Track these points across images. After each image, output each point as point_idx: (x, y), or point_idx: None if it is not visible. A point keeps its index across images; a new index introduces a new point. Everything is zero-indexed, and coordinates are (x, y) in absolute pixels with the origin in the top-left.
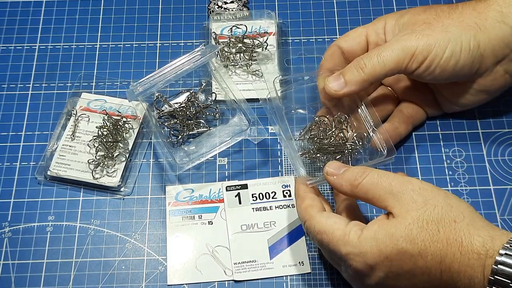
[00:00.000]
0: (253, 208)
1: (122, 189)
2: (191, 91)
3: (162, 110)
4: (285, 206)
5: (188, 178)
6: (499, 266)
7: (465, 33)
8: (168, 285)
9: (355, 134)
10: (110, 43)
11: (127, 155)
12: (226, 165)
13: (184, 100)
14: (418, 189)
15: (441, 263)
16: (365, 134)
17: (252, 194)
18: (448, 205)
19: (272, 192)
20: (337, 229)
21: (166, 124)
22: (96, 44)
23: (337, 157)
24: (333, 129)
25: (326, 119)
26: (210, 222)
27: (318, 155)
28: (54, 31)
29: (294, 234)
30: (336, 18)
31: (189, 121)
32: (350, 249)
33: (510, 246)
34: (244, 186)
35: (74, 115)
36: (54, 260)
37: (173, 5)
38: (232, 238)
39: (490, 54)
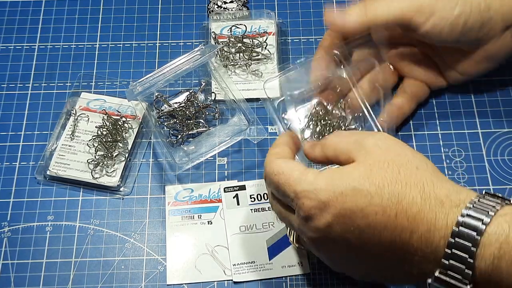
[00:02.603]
0: (251, 209)
1: (121, 189)
2: (190, 91)
3: (162, 110)
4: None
5: (188, 178)
6: (465, 218)
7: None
8: (168, 284)
9: (351, 117)
10: (110, 42)
11: (127, 155)
12: (226, 165)
13: (184, 100)
14: (383, 138)
15: (398, 204)
16: (362, 115)
17: (251, 195)
18: (412, 154)
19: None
20: (296, 170)
21: (165, 124)
22: (96, 44)
23: None
24: (331, 115)
25: (323, 105)
26: (210, 222)
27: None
28: (53, 31)
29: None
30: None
31: (189, 121)
32: (304, 186)
33: (479, 201)
34: (242, 187)
35: (73, 115)
36: (54, 260)
37: (172, 5)
38: (230, 240)
39: (499, 18)
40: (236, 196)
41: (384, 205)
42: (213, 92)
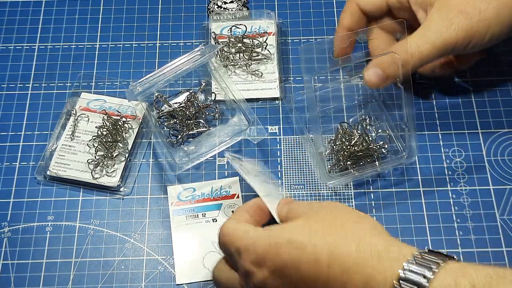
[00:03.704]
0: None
1: (121, 189)
2: (190, 91)
3: (162, 110)
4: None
5: (188, 178)
6: (407, 273)
7: (504, 10)
8: (177, 284)
9: (377, 135)
10: (110, 43)
11: (127, 155)
12: (226, 165)
13: (184, 100)
14: (334, 204)
15: (331, 254)
16: (388, 134)
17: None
18: (357, 214)
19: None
20: (241, 229)
21: (165, 124)
22: (96, 44)
23: (367, 160)
24: (357, 135)
25: (346, 125)
26: (214, 220)
27: (349, 163)
28: (53, 31)
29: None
30: (336, 18)
31: (189, 121)
32: (245, 241)
33: (421, 256)
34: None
35: (73, 115)
36: (54, 260)
37: (172, 5)
38: (266, 200)
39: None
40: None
41: (316, 254)
42: (213, 92)
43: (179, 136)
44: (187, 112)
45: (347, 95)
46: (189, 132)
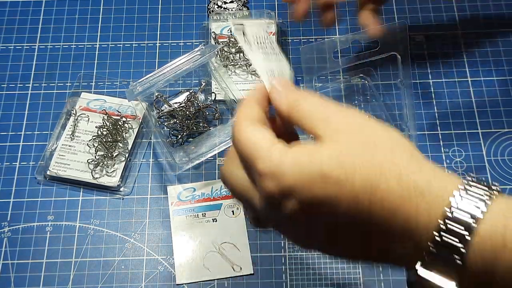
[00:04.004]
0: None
1: (121, 189)
2: (190, 91)
3: (162, 110)
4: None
5: (188, 178)
6: (454, 211)
7: None
8: (177, 284)
9: None
10: (110, 43)
11: (127, 155)
12: None
13: (184, 100)
14: (354, 115)
15: (372, 192)
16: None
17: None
18: (388, 134)
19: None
20: (263, 144)
21: (165, 124)
22: (96, 44)
23: None
24: None
25: None
26: (214, 220)
27: None
28: (53, 31)
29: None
30: (335, 18)
31: (189, 121)
32: (267, 166)
33: (466, 190)
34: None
35: (73, 115)
36: (54, 260)
37: (172, 5)
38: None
39: None
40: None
41: (355, 194)
42: (213, 92)
43: (179, 136)
44: (187, 112)
45: (347, 95)
46: (189, 132)
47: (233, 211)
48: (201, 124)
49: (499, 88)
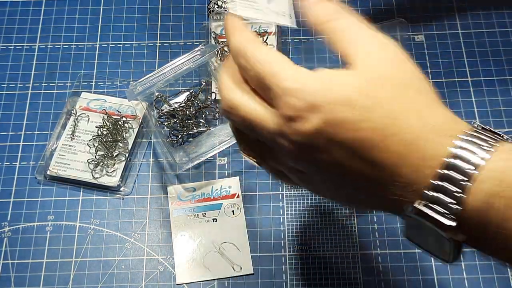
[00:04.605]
0: None
1: (121, 189)
2: (190, 91)
3: (162, 110)
4: None
5: (188, 178)
6: (460, 150)
7: None
8: (177, 284)
9: None
10: (110, 42)
11: (127, 155)
12: (226, 164)
13: (184, 99)
14: (390, 48)
15: (394, 124)
16: None
17: None
18: (416, 75)
19: None
20: (287, 63)
21: (165, 123)
22: (96, 44)
23: None
24: None
25: None
26: (215, 220)
27: None
28: (53, 31)
29: None
30: None
31: (189, 121)
32: (295, 84)
33: (476, 133)
34: None
35: (73, 115)
36: (54, 260)
37: (173, 5)
38: None
39: None
40: None
41: (378, 122)
42: (213, 92)
43: (179, 136)
44: (187, 112)
45: None
46: (189, 132)
47: (233, 211)
48: (201, 124)
49: (499, 88)
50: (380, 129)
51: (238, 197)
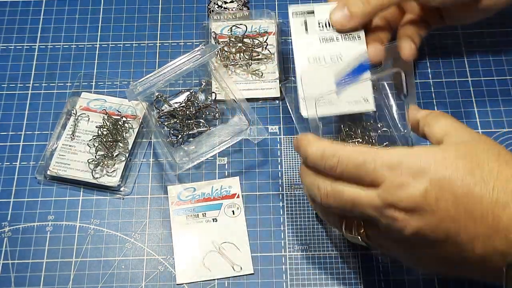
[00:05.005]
0: (320, 38)
1: (122, 189)
2: (191, 91)
3: (162, 110)
4: (351, 38)
5: (188, 178)
6: None
7: None
8: (178, 284)
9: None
10: (110, 42)
11: (127, 155)
12: (226, 164)
13: (184, 99)
14: (477, 135)
15: (496, 179)
16: (390, 133)
17: (319, 22)
18: (505, 152)
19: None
20: (373, 149)
21: (166, 123)
22: (96, 44)
23: None
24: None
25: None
26: (215, 220)
27: None
28: (54, 31)
29: (358, 69)
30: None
31: (189, 121)
32: (393, 157)
33: None
34: (311, 12)
35: (74, 115)
36: (54, 260)
37: (173, 5)
38: (300, 71)
39: None
40: (305, 22)
41: (484, 178)
42: (213, 92)
43: (179, 136)
44: (187, 112)
45: None
46: (189, 132)
47: (233, 211)
48: (201, 124)
49: (499, 88)
50: (485, 183)
51: (238, 197)
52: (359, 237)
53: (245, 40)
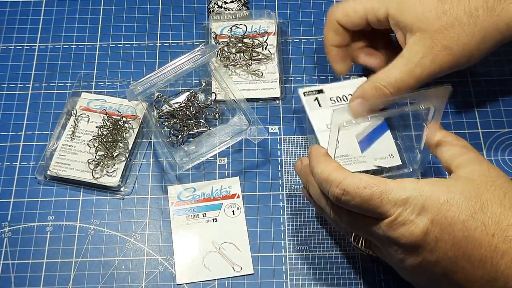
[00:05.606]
0: (333, 110)
1: (122, 189)
2: (191, 91)
3: (162, 110)
4: None
5: (188, 178)
6: None
7: (485, 41)
8: (178, 284)
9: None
10: (110, 42)
11: (127, 155)
12: (226, 164)
13: (184, 100)
14: (486, 164)
15: (498, 224)
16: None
17: (330, 98)
18: (503, 190)
19: (349, 95)
20: (388, 181)
21: (166, 124)
22: (96, 44)
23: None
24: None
25: None
26: (215, 220)
27: None
28: (54, 31)
29: (379, 128)
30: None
31: (189, 121)
32: (411, 192)
33: None
34: (320, 91)
35: (74, 115)
36: (54, 260)
37: (173, 5)
38: (321, 137)
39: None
40: (316, 99)
41: (485, 223)
42: (213, 92)
43: (179, 136)
44: (188, 112)
45: None
46: (189, 132)
47: (233, 211)
48: (201, 124)
49: (499, 88)
50: (486, 228)
51: (238, 197)
52: (366, 250)
53: (245, 40)
